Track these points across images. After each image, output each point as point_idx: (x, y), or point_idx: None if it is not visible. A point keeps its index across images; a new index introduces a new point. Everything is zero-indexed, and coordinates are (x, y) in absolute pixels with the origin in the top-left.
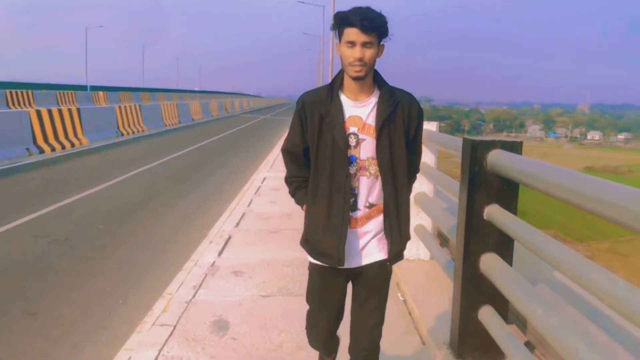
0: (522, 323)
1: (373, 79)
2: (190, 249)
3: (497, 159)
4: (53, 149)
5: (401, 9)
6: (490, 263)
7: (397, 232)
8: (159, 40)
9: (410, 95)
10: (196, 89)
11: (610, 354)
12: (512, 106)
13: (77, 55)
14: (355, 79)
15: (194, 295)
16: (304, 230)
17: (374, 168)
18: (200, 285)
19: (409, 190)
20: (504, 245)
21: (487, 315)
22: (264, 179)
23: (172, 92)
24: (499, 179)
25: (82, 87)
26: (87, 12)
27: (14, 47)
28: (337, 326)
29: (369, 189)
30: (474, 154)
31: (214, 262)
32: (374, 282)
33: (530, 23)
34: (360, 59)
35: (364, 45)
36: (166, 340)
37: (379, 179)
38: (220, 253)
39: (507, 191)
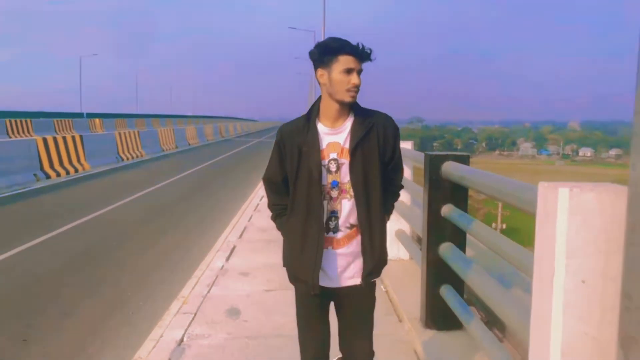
0: (481, 304)
1: (349, 104)
2: (199, 257)
3: (448, 168)
4: (58, 175)
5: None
6: (447, 250)
7: (369, 251)
8: (151, 66)
9: (385, 115)
10: (189, 113)
11: (523, 306)
12: (504, 124)
13: (71, 83)
14: (349, 103)
15: (208, 291)
16: (283, 254)
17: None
18: (213, 283)
19: (388, 209)
20: (458, 236)
21: (446, 292)
22: (262, 197)
23: (166, 117)
24: (450, 184)
25: (78, 115)
26: (80, 41)
27: (9, 76)
28: (325, 345)
29: (349, 211)
30: (432, 165)
31: (223, 266)
32: (358, 304)
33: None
34: (358, 85)
35: (358, 72)
36: (189, 323)
37: None
38: (227, 259)
39: (457, 193)
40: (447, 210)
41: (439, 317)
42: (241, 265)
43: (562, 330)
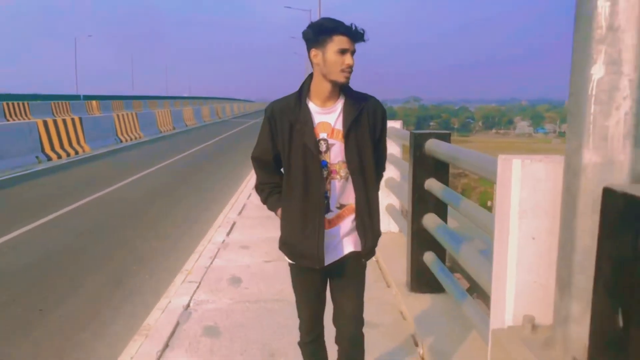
0: (466, 273)
1: (340, 85)
2: (201, 234)
3: (431, 145)
4: (59, 157)
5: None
6: (430, 220)
7: (369, 230)
8: (147, 47)
9: (374, 98)
10: (185, 95)
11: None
12: (500, 103)
13: (67, 65)
14: (343, 84)
15: (211, 263)
16: (281, 234)
17: (344, 171)
18: (215, 256)
19: (378, 189)
20: (439, 207)
21: (429, 259)
22: None
23: (162, 99)
24: (433, 160)
25: (75, 97)
26: (75, 22)
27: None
28: (319, 315)
29: (340, 191)
30: (417, 142)
31: (224, 240)
32: (350, 273)
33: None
34: (352, 66)
35: (352, 53)
36: (195, 291)
37: (349, 180)
38: (228, 234)
39: (440, 168)
40: (430, 184)
41: (422, 281)
42: (241, 239)
43: (515, 280)
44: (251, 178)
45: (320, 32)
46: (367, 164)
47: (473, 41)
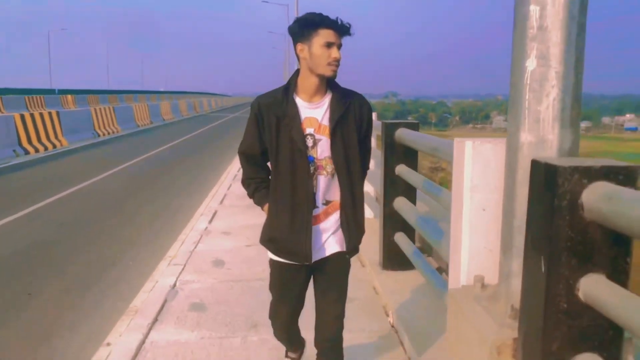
0: (436, 254)
1: (327, 80)
2: (183, 222)
3: (401, 134)
4: (37, 150)
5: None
6: (400, 203)
7: (354, 227)
8: (122, 42)
9: (361, 96)
10: (161, 89)
11: None
12: (477, 98)
13: (39, 59)
14: (330, 77)
15: (195, 248)
16: (266, 229)
17: (330, 167)
18: (198, 241)
19: (363, 186)
20: (409, 192)
21: (400, 239)
22: (239, 168)
23: (138, 93)
24: (403, 147)
25: (49, 91)
26: (48, 15)
27: None
28: (297, 314)
29: (326, 187)
30: (388, 131)
31: (207, 227)
32: (334, 272)
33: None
34: (339, 59)
35: (338, 46)
36: (180, 272)
37: (335, 177)
38: (210, 221)
39: (409, 155)
40: (400, 169)
41: (393, 260)
42: (223, 226)
43: (468, 246)
44: (231, 169)
45: (305, 26)
46: (352, 160)
47: (451, 36)
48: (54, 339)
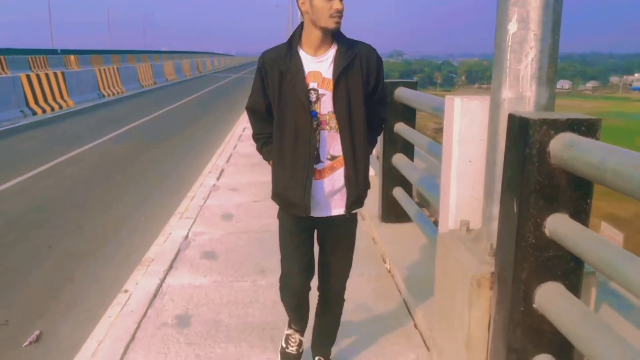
0: (433, 208)
1: (332, 33)
2: (192, 179)
3: (399, 93)
4: (44, 111)
5: None
6: (398, 159)
7: (354, 182)
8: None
9: (368, 46)
10: (164, 49)
11: None
12: (484, 57)
13: (40, 19)
14: (334, 29)
15: (204, 203)
16: (272, 184)
17: (334, 122)
18: (207, 196)
19: (373, 141)
20: (407, 149)
21: (398, 193)
22: (244, 128)
23: (141, 53)
24: (402, 105)
25: (52, 51)
26: None
27: None
28: (307, 278)
29: (330, 142)
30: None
31: (215, 184)
32: (341, 233)
33: None
34: (342, 11)
35: None
36: (191, 225)
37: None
38: (218, 178)
39: (407, 113)
40: (399, 127)
41: (392, 213)
42: (230, 183)
43: (456, 194)
44: (235, 130)
45: None
46: (355, 115)
47: None
48: (74, 285)
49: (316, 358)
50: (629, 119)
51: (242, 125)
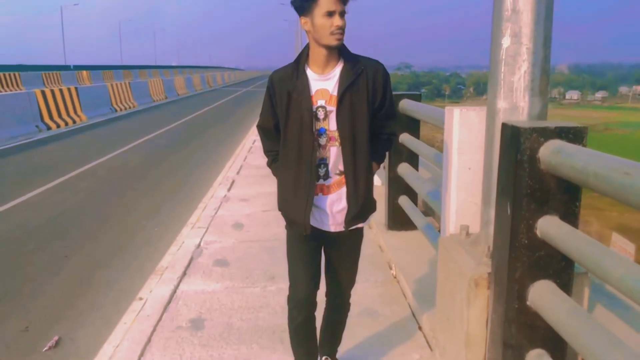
0: (438, 216)
1: (338, 50)
2: (203, 191)
3: (404, 104)
4: (58, 126)
5: None
6: (403, 169)
7: (353, 198)
8: (134, 16)
9: (375, 62)
10: (174, 64)
11: None
12: None
13: (53, 35)
14: (335, 47)
15: (215, 213)
16: (277, 199)
17: None
18: (219, 207)
19: (381, 156)
20: (412, 158)
21: (404, 201)
22: (254, 140)
23: (152, 68)
24: (406, 117)
25: (65, 67)
26: None
27: None
28: (314, 288)
29: (338, 158)
30: None
31: (226, 195)
32: (346, 248)
33: None
34: (342, 27)
35: (341, 14)
36: (204, 234)
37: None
38: (229, 189)
39: (411, 124)
40: (404, 138)
41: (397, 221)
42: (241, 194)
43: (456, 200)
44: (245, 142)
45: None
46: (359, 132)
47: (467, 5)
48: (90, 293)
49: (323, 357)
50: (636, 128)
51: (252, 138)
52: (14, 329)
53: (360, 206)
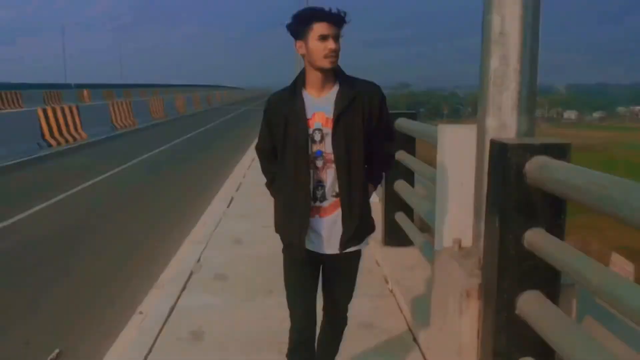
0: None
1: (334, 72)
2: (203, 207)
3: (400, 123)
4: (59, 143)
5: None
6: (399, 185)
7: (348, 220)
8: (134, 35)
9: (371, 84)
10: (174, 82)
11: None
12: None
13: (53, 54)
14: (329, 69)
15: (215, 228)
16: (274, 220)
17: None
18: (218, 223)
19: (378, 177)
20: (408, 175)
21: (400, 218)
22: (253, 159)
23: (152, 87)
24: (402, 135)
25: (66, 86)
26: (61, 9)
27: None
28: (314, 306)
29: (334, 180)
30: None
31: (225, 211)
32: (342, 270)
33: None
34: (336, 50)
35: (335, 37)
36: (203, 250)
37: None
38: (228, 206)
39: (407, 142)
40: (400, 155)
41: (393, 237)
42: (240, 210)
43: (449, 214)
44: (244, 160)
45: (299, 23)
46: (354, 154)
47: (463, 22)
48: (91, 308)
49: None
50: (632, 148)
51: (251, 155)
52: (15, 342)
53: (355, 228)
